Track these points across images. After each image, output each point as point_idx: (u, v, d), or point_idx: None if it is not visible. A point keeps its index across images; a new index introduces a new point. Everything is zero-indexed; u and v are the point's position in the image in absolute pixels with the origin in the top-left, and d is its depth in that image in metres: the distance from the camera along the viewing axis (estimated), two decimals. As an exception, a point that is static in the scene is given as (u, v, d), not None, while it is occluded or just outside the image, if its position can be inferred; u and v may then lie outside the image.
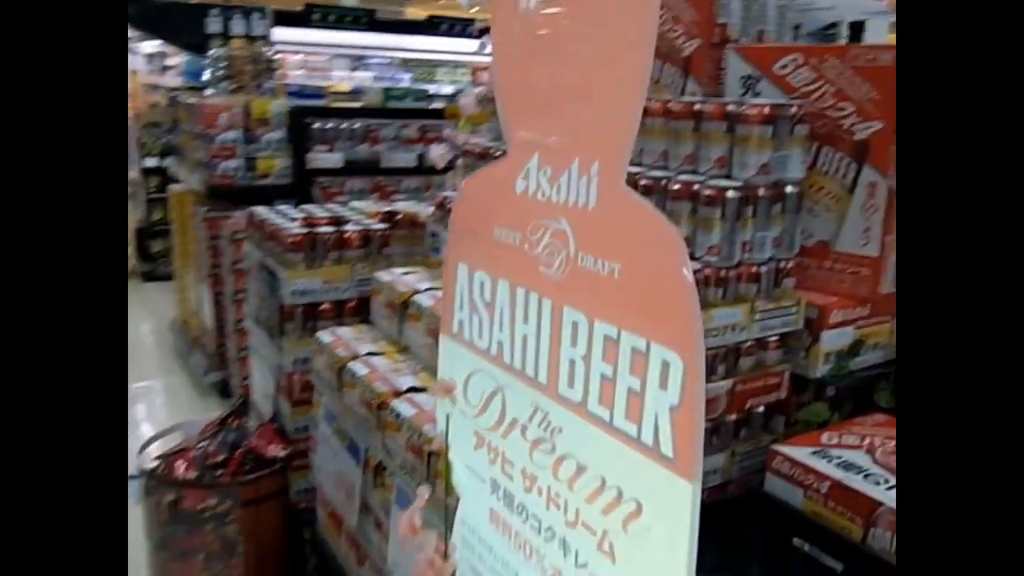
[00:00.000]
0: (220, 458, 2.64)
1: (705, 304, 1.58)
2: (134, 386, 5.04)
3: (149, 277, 7.05)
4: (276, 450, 2.60)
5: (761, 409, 1.74)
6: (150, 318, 6.17)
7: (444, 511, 1.12)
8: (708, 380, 1.62)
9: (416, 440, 1.69)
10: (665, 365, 0.72)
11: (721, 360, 1.64)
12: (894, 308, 1.76)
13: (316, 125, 4.70)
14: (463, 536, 1.10)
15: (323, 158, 4.66)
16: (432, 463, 1.38)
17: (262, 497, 2.54)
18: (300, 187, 4.51)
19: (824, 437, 1.62)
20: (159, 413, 4.50)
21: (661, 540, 0.76)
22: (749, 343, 1.66)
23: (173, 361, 5.33)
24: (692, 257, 1.63)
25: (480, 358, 1.01)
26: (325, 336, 2.31)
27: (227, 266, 4.20)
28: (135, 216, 7.09)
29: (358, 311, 2.55)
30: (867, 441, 1.61)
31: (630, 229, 0.78)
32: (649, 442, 0.76)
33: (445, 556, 1.06)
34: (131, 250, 7.06)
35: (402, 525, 1.12)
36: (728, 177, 1.62)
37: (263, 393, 2.82)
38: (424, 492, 1.16)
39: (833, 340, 1.69)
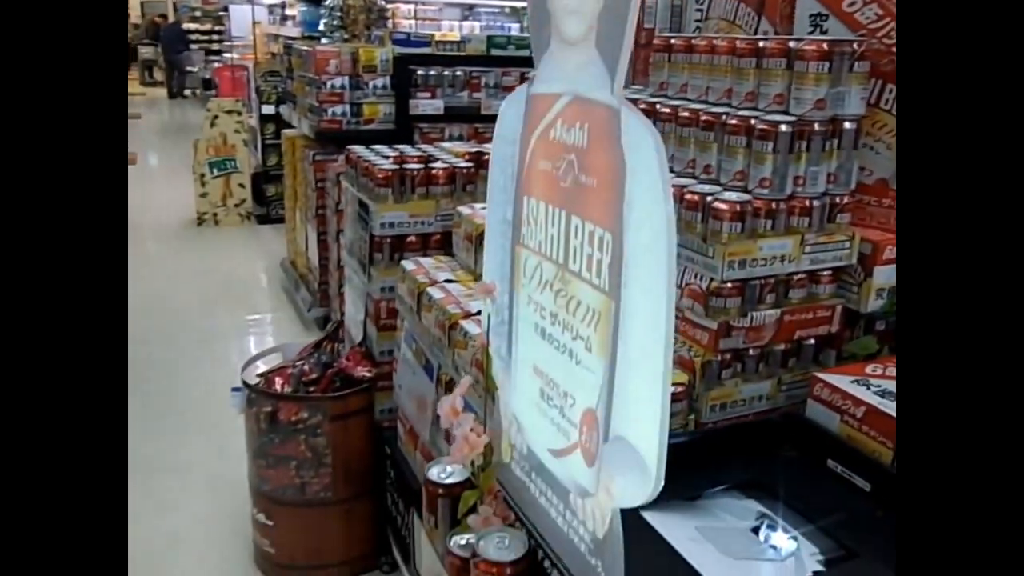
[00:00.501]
0: (313, 376, 2.87)
1: (754, 234, 1.64)
2: (247, 318, 5.42)
3: (264, 220, 7.46)
4: (363, 371, 2.80)
5: (812, 342, 1.79)
6: (264, 258, 6.56)
7: (484, 396, 1.26)
8: (755, 308, 1.69)
9: (479, 356, 1.83)
10: (602, 239, 0.85)
11: (771, 290, 1.70)
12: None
13: (420, 72, 4.85)
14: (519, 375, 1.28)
15: (425, 104, 4.82)
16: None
17: (349, 413, 2.75)
18: (402, 132, 4.68)
19: (869, 368, 1.67)
20: (266, 343, 4.83)
21: (605, 331, 0.91)
22: (799, 275, 1.71)
23: (282, 297, 5.68)
24: (744, 190, 1.69)
25: (532, 253, 1.14)
26: (409, 264, 2.47)
27: (331, 207, 4.44)
28: (252, 161, 7.50)
29: (442, 244, 2.70)
30: (911, 374, 1.64)
31: (601, 160, 0.91)
32: (600, 284, 0.90)
33: (480, 433, 1.20)
34: (247, 193, 7.48)
35: (446, 408, 1.27)
36: (785, 113, 1.67)
37: (354, 320, 3.03)
38: (467, 380, 1.30)
39: (886, 276, 1.72)
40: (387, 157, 2.84)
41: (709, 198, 1.64)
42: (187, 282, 5.96)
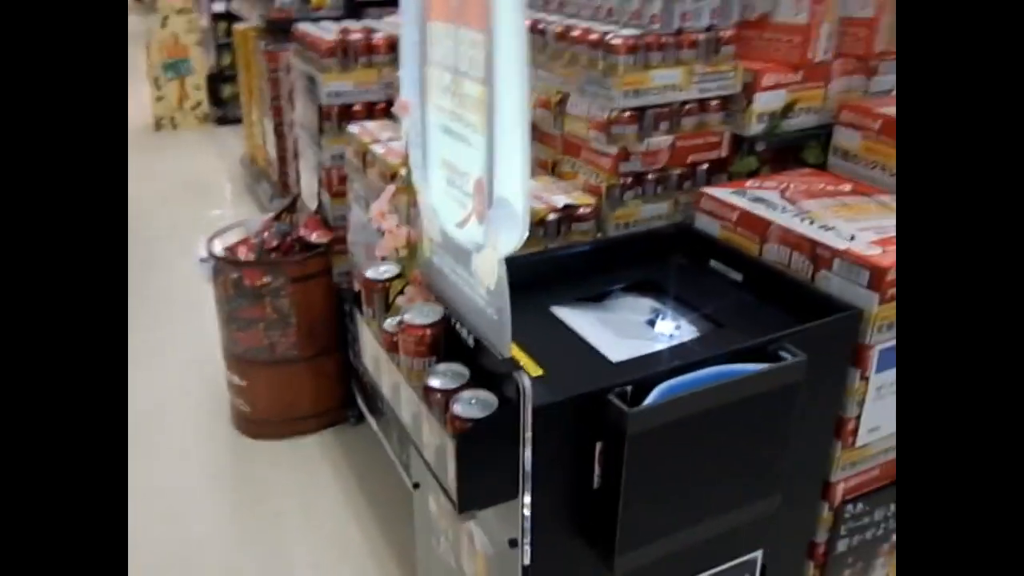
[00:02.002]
0: (274, 244, 3.09)
1: (647, 66, 1.86)
2: (211, 213, 5.58)
3: (222, 121, 7.49)
4: (320, 236, 3.02)
5: (705, 167, 2.03)
6: (224, 157, 6.65)
7: (405, 202, 1.49)
8: (651, 135, 1.92)
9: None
10: (476, 40, 1.08)
11: (664, 118, 1.92)
12: (826, 75, 1.99)
13: (365, -41, 4.88)
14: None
15: (372, -10, 4.86)
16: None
17: (308, 275, 2.99)
18: (352, 18, 4.75)
19: (749, 183, 1.92)
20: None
21: (483, 113, 1.19)
22: (690, 104, 1.93)
23: (243, 193, 5.83)
24: (639, 25, 1.89)
25: (435, 67, 1.37)
26: (354, 128, 2.66)
27: (286, 96, 4.55)
28: (206, 62, 7.48)
29: (386, 112, 2.88)
30: (784, 185, 1.89)
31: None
32: (478, 76, 1.17)
33: (402, 225, 1.45)
34: (203, 95, 7.50)
35: (374, 211, 1.51)
36: (673, -45, 1.86)
37: (309, 191, 3.23)
38: (391, 187, 1.53)
39: (766, 101, 1.95)
40: (331, 31, 2.99)
41: (608, 36, 1.84)
42: (149, 184, 6.07)
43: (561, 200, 1.91)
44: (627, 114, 1.86)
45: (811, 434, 1.64)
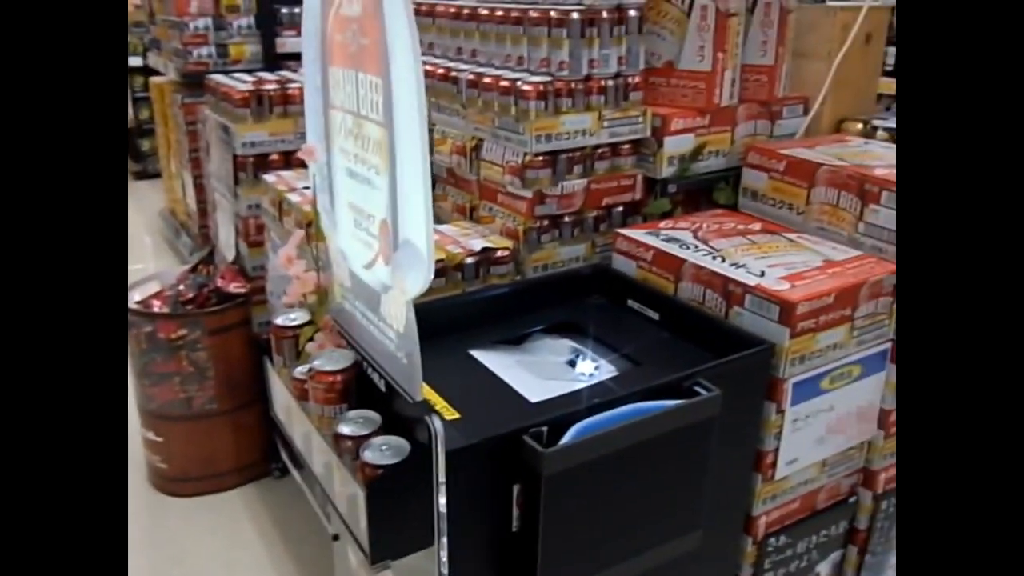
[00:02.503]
0: (190, 296, 3.00)
1: (557, 111, 1.89)
2: (132, 267, 5.42)
3: (141, 176, 7.34)
4: (238, 287, 2.96)
5: (620, 209, 2.06)
6: (143, 212, 6.49)
7: (311, 247, 1.47)
8: (565, 179, 1.94)
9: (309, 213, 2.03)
10: (376, 84, 1.07)
11: (578, 162, 1.95)
12: (732, 119, 2.06)
13: (284, 11, 4.89)
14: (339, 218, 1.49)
15: (292, 43, 4.87)
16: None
17: (227, 326, 2.91)
18: (269, 71, 4.74)
19: (663, 223, 1.95)
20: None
21: (385, 154, 1.20)
22: (602, 148, 1.97)
23: (163, 246, 5.69)
24: (549, 73, 1.93)
25: (338, 111, 1.36)
26: (270, 178, 2.63)
27: (204, 148, 4.49)
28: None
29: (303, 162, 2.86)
30: (696, 225, 1.94)
31: (371, 23, 1.14)
32: (378, 118, 1.16)
33: (310, 270, 1.42)
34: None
35: (282, 256, 1.48)
36: (579, 4, 1.91)
37: (226, 242, 3.17)
38: (299, 232, 1.51)
39: (676, 145, 2.00)
40: (245, 81, 2.97)
41: (519, 83, 1.87)
42: (64, 238, 5.88)
43: (479, 244, 1.91)
44: (540, 158, 1.88)
45: (731, 468, 1.66)
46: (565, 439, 1.27)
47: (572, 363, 1.72)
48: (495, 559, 1.34)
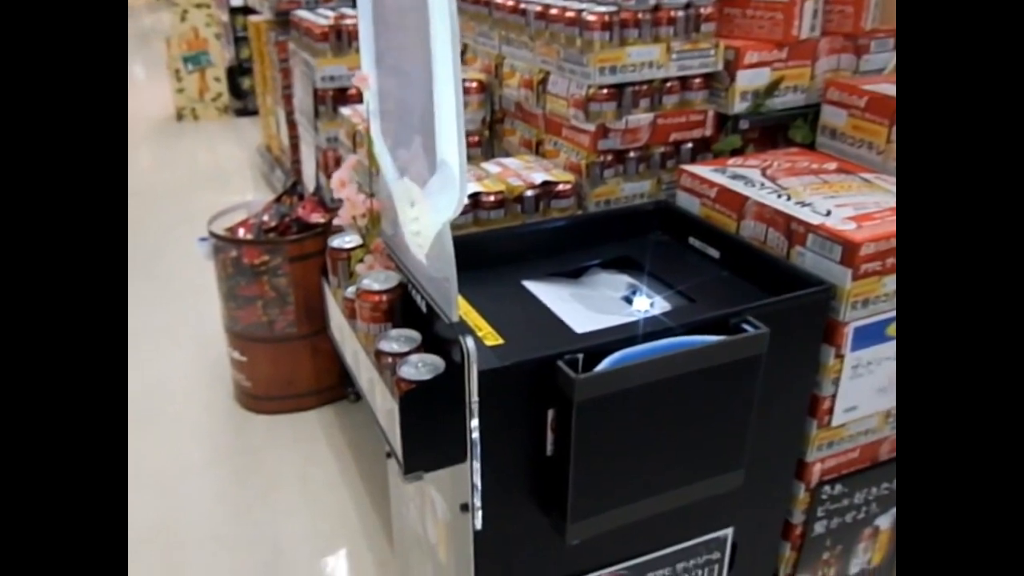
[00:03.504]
0: (273, 224, 3.11)
1: (623, 42, 1.84)
2: (227, 199, 5.64)
3: (242, 112, 7.57)
4: (318, 217, 3.05)
5: (690, 145, 2.01)
6: (242, 147, 6.72)
7: (367, 171, 1.50)
8: (631, 112, 1.91)
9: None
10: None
11: (644, 96, 1.91)
12: (812, 53, 1.96)
13: (374, -52, 4.90)
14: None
15: (382, -20, 4.89)
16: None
17: (306, 254, 3.01)
18: (353, 7, 4.78)
19: (731, 161, 1.90)
20: (245, 220, 5.06)
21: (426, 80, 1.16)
22: (671, 82, 1.91)
23: (260, 180, 5.88)
24: (616, 3, 1.88)
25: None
26: (346, 111, 2.67)
27: (293, 85, 4.59)
28: (226, 56, 7.56)
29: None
30: (766, 162, 1.87)
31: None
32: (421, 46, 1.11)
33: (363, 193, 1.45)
34: (223, 87, 7.58)
35: (335, 180, 1.51)
36: (652, -70, 1.84)
37: (309, 174, 3.25)
38: (352, 157, 1.54)
39: (750, 79, 1.93)
40: (327, 17, 3.01)
41: (583, 13, 1.83)
42: (168, 171, 6.16)
43: (540, 177, 1.91)
44: (604, 91, 1.85)
45: (784, 412, 1.63)
46: (600, 367, 1.27)
47: (628, 299, 1.71)
48: (530, 481, 1.36)
